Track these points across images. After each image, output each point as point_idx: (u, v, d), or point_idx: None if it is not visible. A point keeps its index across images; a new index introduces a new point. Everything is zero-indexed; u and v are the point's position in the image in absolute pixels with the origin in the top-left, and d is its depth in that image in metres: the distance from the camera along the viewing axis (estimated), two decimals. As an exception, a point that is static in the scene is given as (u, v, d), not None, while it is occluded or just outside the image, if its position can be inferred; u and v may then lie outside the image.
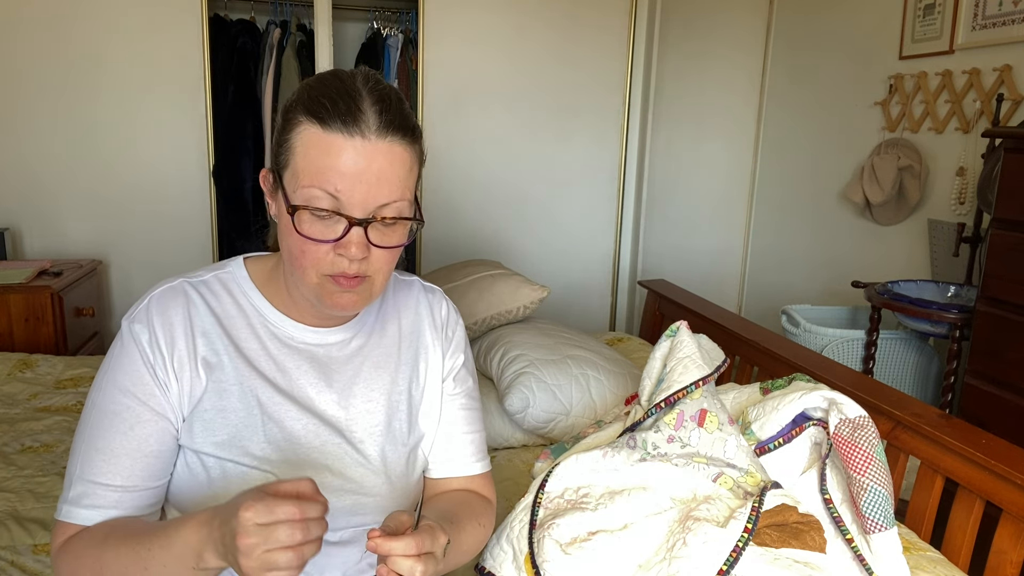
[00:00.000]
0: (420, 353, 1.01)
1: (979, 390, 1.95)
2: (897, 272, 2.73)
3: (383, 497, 0.93)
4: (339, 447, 0.91)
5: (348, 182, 0.79)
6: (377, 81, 0.84)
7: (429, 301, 1.04)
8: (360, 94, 0.81)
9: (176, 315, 0.88)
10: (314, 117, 0.80)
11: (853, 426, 1.12)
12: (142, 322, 0.87)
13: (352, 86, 0.82)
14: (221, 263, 0.97)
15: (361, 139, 0.79)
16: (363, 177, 0.80)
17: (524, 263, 3.41)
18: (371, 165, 0.80)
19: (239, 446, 0.87)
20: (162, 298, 0.89)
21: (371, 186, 0.80)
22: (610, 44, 3.42)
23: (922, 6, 2.61)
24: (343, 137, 0.79)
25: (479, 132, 3.33)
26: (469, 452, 1.04)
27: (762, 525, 1.04)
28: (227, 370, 0.89)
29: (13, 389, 1.99)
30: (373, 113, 0.80)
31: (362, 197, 0.80)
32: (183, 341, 0.87)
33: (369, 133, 0.79)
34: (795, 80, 3.30)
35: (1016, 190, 1.86)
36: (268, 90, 3.28)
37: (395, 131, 0.81)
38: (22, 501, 1.41)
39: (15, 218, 2.92)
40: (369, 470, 0.92)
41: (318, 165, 0.80)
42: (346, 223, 0.80)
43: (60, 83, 2.87)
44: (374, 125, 0.80)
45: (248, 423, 0.88)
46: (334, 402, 0.93)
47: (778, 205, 3.45)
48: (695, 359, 1.26)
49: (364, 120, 0.80)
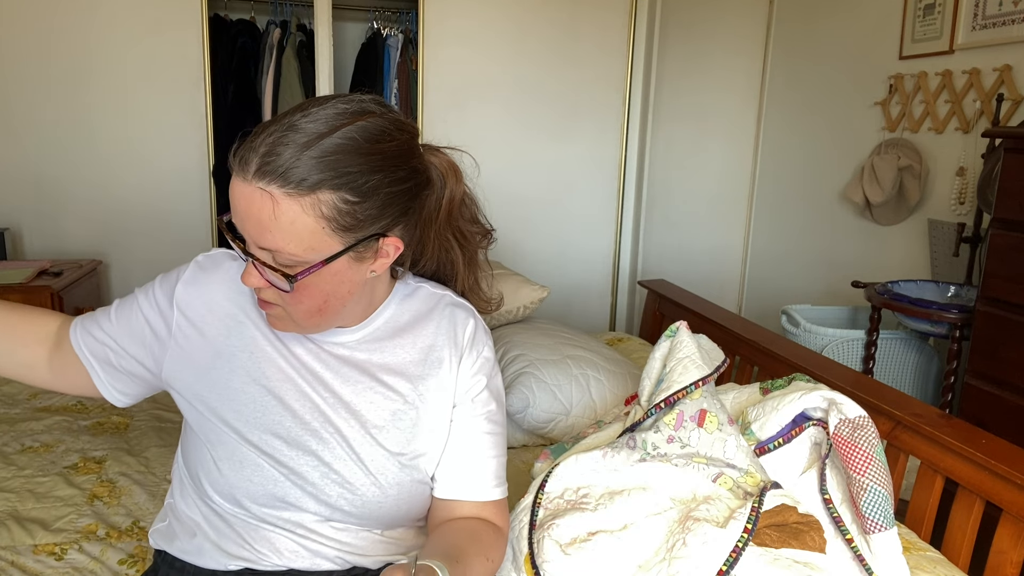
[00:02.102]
0: (432, 367, 0.97)
1: (979, 390, 1.95)
2: (897, 272, 2.73)
3: (370, 500, 0.93)
4: (332, 436, 0.93)
5: (237, 217, 0.82)
6: (316, 118, 0.80)
7: (454, 317, 1.00)
8: (275, 127, 0.80)
9: (218, 275, 0.96)
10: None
11: (853, 426, 1.12)
12: (191, 265, 0.98)
13: (285, 117, 0.82)
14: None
15: (241, 179, 0.80)
16: (239, 213, 0.81)
17: (524, 263, 3.41)
18: (241, 202, 0.81)
19: (238, 412, 0.92)
20: (218, 256, 0.99)
21: (246, 224, 0.81)
22: (610, 44, 3.42)
23: (922, 6, 2.61)
24: (234, 175, 0.81)
25: (479, 132, 3.33)
26: (486, 477, 0.98)
27: (762, 525, 1.04)
28: (245, 337, 0.94)
29: (13, 389, 1.99)
30: (263, 150, 0.79)
31: (248, 233, 0.82)
32: (221, 300, 0.95)
33: (247, 174, 0.79)
34: (795, 80, 3.30)
35: (1016, 190, 1.86)
36: (268, 90, 3.28)
37: (272, 176, 0.78)
38: (22, 501, 1.42)
39: (15, 218, 2.92)
40: (358, 468, 0.92)
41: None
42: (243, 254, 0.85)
43: (60, 83, 2.87)
44: (254, 166, 0.79)
45: (250, 395, 0.92)
46: (332, 396, 0.93)
47: (778, 205, 3.45)
48: (695, 359, 1.26)
49: (250, 160, 0.79)
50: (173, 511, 1.01)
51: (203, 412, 0.93)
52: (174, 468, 1.04)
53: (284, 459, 0.91)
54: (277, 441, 0.91)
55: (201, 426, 0.93)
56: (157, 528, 1.03)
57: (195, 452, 0.95)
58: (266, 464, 0.91)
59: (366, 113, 0.83)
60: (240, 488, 0.91)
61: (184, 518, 0.98)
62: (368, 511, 0.93)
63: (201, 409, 0.93)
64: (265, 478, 0.91)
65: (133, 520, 1.37)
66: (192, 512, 0.98)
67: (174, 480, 1.03)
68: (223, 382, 0.92)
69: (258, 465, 0.91)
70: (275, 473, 0.91)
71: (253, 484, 0.91)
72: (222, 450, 0.92)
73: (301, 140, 0.79)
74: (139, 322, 0.96)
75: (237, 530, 0.94)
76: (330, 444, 0.92)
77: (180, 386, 0.95)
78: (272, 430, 0.91)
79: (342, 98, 0.84)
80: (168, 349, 0.94)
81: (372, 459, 0.93)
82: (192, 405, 0.94)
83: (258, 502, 0.92)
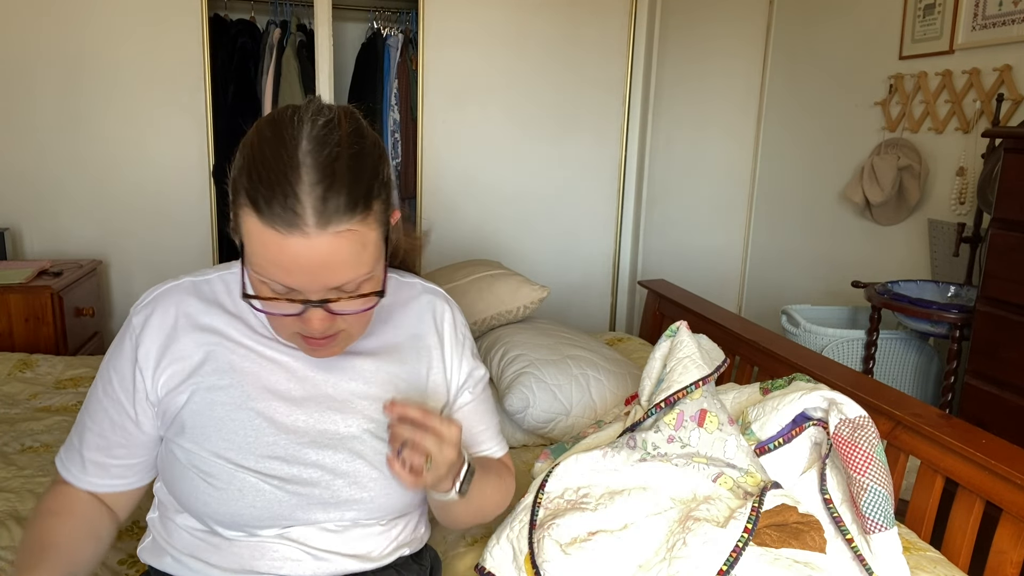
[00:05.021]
0: (422, 354, 1.00)
1: (979, 390, 1.95)
2: (897, 272, 2.73)
3: (378, 493, 0.93)
4: (330, 440, 0.92)
5: (294, 277, 0.77)
6: (321, 143, 0.77)
7: (433, 304, 1.03)
8: (298, 174, 0.74)
9: (176, 310, 0.91)
10: (253, 206, 0.75)
11: (853, 426, 1.12)
12: (142, 314, 0.91)
13: (293, 159, 0.75)
14: (229, 263, 0.98)
15: (301, 236, 0.74)
16: (309, 270, 0.76)
17: (524, 263, 3.41)
18: (313, 258, 0.75)
19: (228, 442, 0.88)
20: (166, 296, 0.92)
21: (318, 276, 0.77)
22: (610, 44, 3.42)
23: (922, 6, 2.61)
24: (280, 236, 0.74)
25: (479, 132, 3.33)
26: (491, 442, 1.08)
27: (762, 525, 1.04)
28: (221, 366, 0.90)
29: (13, 389, 1.99)
30: (312, 201, 0.74)
31: (313, 286, 0.78)
32: (181, 336, 0.90)
33: (308, 228, 0.74)
34: (795, 80, 3.30)
35: (1016, 190, 1.86)
36: (268, 90, 3.28)
37: (340, 216, 0.75)
38: (22, 501, 1.41)
39: (15, 218, 2.92)
40: (362, 463, 0.93)
41: (263, 258, 0.76)
42: (301, 305, 0.80)
43: (60, 83, 2.87)
44: (313, 219, 0.74)
45: (239, 421, 0.89)
46: (323, 397, 0.93)
47: (778, 205, 3.45)
48: (695, 359, 1.26)
49: (302, 214, 0.74)
50: (156, 528, 0.98)
51: (191, 449, 0.89)
52: (156, 486, 0.99)
53: (286, 476, 0.89)
54: (275, 462, 0.89)
55: (190, 460, 0.89)
56: (144, 546, 0.99)
57: (183, 484, 0.90)
58: (268, 487, 0.88)
59: (331, 115, 0.80)
60: (243, 515, 0.89)
61: (173, 539, 0.94)
62: (377, 504, 0.93)
63: (189, 447, 0.89)
64: (269, 501, 0.89)
65: (133, 520, 1.37)
66: (182, 534, 0.94)
67: (157, 496, 0.99)
68: (206, 416, 0.89)
69: (260, 490, 0.88)
70: (279, 494, 0.89)
71: (256, 509, 0.88)
72: (218, 481, 0.88)
73: (343, 161, 0.76)
74: (120, 418, 0.92)
75: (236, 550, 0.91)
76: (329, 448, 0.92)
77: (167, 435, 0.92)
78: (268, 452, 0.89)
79: (292, 115, 0.80)
80: (149, 416, 0.92)
81: (375, 452, 0.93)
82: (179, 445, 0.90)
83: (263, 524, 0.90)
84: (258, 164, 0.77)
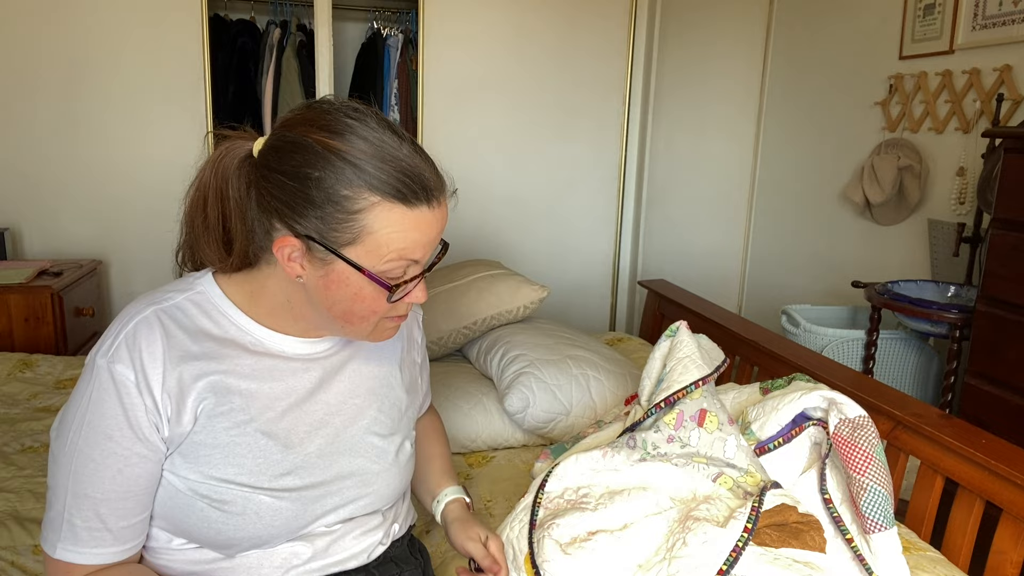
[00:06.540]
0: (407, 342, 1.09)
1: (979, 390, 1.95)
2: (897, 272, 2.73)
3: (383, 485, 0.99)
4: (334, 445, 0.94)
5: (430, 247, 0.86)
6: (394, 127, 0.84)
7: None
8: (415, 161, 0.82)
9: (157, 349, 0.84)
10: (395, 198, 0.80)
11: (853, 426, 1.12)
12: (124, 363, 0.82)
13: (396, 144, 0.82)
14: (185, 282, 0.93)
15: (437, 206, 0.84)
16: (438, 235, 0.87)
17: (524, 263, 3.41)
18: (442, 222, 0.86)
19: (239, 467, 0.87)
20: (138, 334, 0.84)
21: (437, 240, 0.88)
22: (610, 44, 3.42)
23: (922, 6, 2.61)
24: (428, 210, 0.83)
25: (479, 132, 3.33)
26: (429, 394, 1.24)
27: (762, 525, 1.04)
28: (219, 391, 0.86)
29: (13, 389, 1.99)
30: (431, 172, 0.84)
31: (430, 252, 0.87)
32: (171, 375, 0.84)
33: (441, 196, 0.85)
34: (795, 80, 3.30)
35: (1016, 190, 1.86)
36: (268, 90, 3.28)
37: (444, 188, 0.87)
38: (22, 501, 1.41)
39: (15, 218, 2.92)
40: (366, 461, 0.96)
41: (406, 241, 0.82)
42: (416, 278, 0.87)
43: (60, 83, 2.87)
44: (438, 190, 0.84)
45: (245, 445, 0.87)
46: (333, 402, 0.95)
47: (778, 205, 3.45)
48: (695, 359, 1.26)
49: (436, 186, 0.84)
50: (148, 564, 0.91)
51: (193, 479, 0.85)
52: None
53: (299, 488, 0.90)
54: (287, 478, 0.89)
55: (193, 488, 0.85)
56: None
57: (190, 515, 0.86)
58: (284, 503, 0.88)
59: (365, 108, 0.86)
60: (261, 536, 0.88)
61: (174, 569, 0.90)
62: (379, 495, 0.98)
63: (189, 476, 0.85)
64: (287, 517, 0.89)
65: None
66: (182, 564, 0.90)
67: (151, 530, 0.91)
68: (210, 444, 0.86)
69: (277, 509, 0.88)
70: (295, 507, 0.89)
71: (275, 528, 0.88)
72: (232, 507, 0.85)
73: (417, 147, 0.85)
74: (143, 465, 0.84)
75: (246, 562, 0.90)
76: (334, 455, 0.93)
77: (180, 471, 0.87)
78: (280, 470, 0.89)
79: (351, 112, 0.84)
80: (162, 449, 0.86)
81: (373, 448, 0.97)
82: (176, 474, 0.86)
83: (281, 538, 0.90)
84: (388, 167, 0.80)
